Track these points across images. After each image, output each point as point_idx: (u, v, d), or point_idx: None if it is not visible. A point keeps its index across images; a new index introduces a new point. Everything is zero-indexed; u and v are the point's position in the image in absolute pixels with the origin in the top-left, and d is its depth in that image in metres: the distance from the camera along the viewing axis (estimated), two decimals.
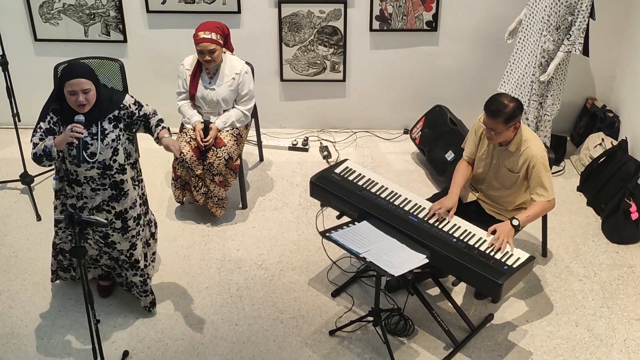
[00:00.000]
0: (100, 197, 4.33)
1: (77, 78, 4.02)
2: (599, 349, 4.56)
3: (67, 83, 4.03)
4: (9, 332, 4.63)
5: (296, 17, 5.91)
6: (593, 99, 6.18)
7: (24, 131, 5.56)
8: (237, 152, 5.29)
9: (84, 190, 4.30)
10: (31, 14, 5.89)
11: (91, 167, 4.21)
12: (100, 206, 4.36)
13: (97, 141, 4.17)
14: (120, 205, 4.39)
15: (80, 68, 4.08)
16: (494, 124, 4.34)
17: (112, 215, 4.40)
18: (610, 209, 5.40)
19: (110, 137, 4.20)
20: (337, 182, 4.75)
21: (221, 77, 5.23)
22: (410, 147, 6.23)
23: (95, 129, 4.17)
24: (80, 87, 4.02)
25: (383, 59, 6.10)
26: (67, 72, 4.06)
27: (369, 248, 4.27)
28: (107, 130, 4.19)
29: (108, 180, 4.29)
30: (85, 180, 4.26)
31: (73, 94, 4.04)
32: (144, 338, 4.61)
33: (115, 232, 4.45)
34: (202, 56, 5.11)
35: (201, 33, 5.06)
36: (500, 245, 4.30)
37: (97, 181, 4.27)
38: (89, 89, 4.05)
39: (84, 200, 4.34)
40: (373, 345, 4.57)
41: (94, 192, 4.30)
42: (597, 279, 5.03)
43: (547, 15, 5.26)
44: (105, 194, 4.33)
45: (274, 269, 5.09)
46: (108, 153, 4.22)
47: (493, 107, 4.33)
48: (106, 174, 4.27)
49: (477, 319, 4.73)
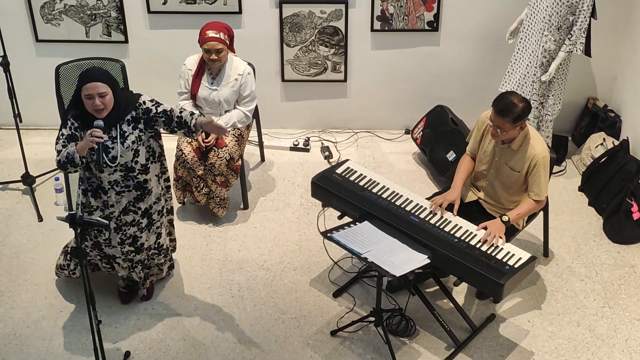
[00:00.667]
0: (125, 199, 4.35)
1: (93, 82, 4.05)
2: (600, 349, 4.56)
3: (84, 87, 4.06)
4: (10, 333, 4.63)
5: (297, 18, 5.91)
6: (594, 98, 6.17)
7: (25, 132, 5.57)
8: (238, 152, 5.29)
9: (109, 198, 4.32)
10: (32, 14, 5.89)
11: (114, 170, 4.23)
12: (127, 208, 4.38)
13: (118, 144, 4.19)
14: (145, 203, 4.41)
15: (96, 72, 4.12)
16: (502, 122, 4.34)
17: (138, 215, 4.42)
18: (611, 209, 5.39)
19: (130, 139, 4.21)
20: (338, 182, 4.75)
21: (224, 78, 5.23)
22: (411, 147, 6.22)
23: (115, 132, 4.19)
24: (96, 90, 4.05)
25: (384, 59, 6.10)
26: (84, 77, 4.10)
27: (371, 248, 4.27)
28: (126, 133, 4.20)
29: (132, 182, 4.31)
30: (109, 185, 4.28)
31: (90, 98, 4.06)
32: (146, 339, 4.61)
33: (143, 232, 4.48)
34: (208, 55, 5.11)
35: (210, 32, 5.07)
36: (492, 240, 4.32)
37: (122, 184, 4.29)
38: (105, 92, 4.07)
39: (110, 209, 4.35)
40: (375, 345, 4.57)
41: (119, 195, 4.33)
42: (599, 279, 5.02)
43: (548, 15, 5.26)
44: (131, 195, 4.35)
45: (275, 269, 5.09)
46: (129, 155, 4.23)
47: (502, 106, 4.31)
48: (129, 176, 4.29)
49: (478, 319, 4.73)
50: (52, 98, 5.31)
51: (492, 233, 4.34)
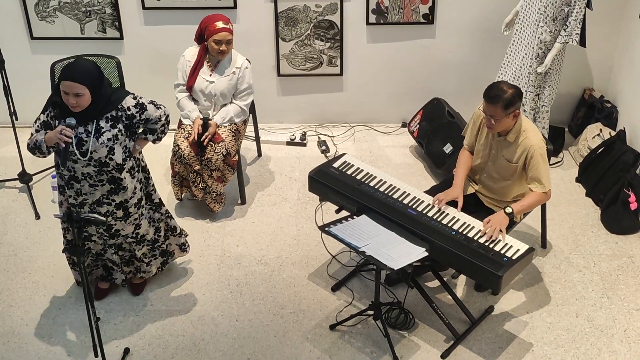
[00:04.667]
0: (99, 192, 4.33)
1: (70, 81, 3.98)
2: (599, 339, 4.57)
3: (61, 82, 4.02)
4: (9, 331, 4.63)
5: (292, 12, 5.90)
6: (591, 89, 6.17)
7: (21, 130, 5.55)
8: (235, 147, 5.28)
9: (82, 186, 4.30)
10: (27, 12, 5.87)
11: (87, 164, 4.21)
12: (101, 200, 4.36)
13: (91, 139, 4.15)
14: (120, 196, 4.39)
15: (77, 72, 4.01)
16: (493, 110, 4.34)
17: (112, 206, 4.40)
18: (609, 199, 5.40)
19: (105, 136, 4.16)
20: (335, 176, 4.75)
21: (222, 71, 5.22)
22: (408, 140, 6.22)
23: (90, 126, 4.15)
24: (72, 90, 4.00)
25: (380, 52, 6.10)
26: (64, 72, 4.04)
27: (369, 242, 4.27)
28: (103, 129, 4.16)
29: (105, 176, 4.28)
30: (83, 176, 4.26)
31: (65, 94, 4.03)
32: (145, 335, 4.61)
33: (117, 221, 4.46)
34: (218, 46, 5.10)
35: (219, 23, 5.06)
36: (492, 233, 4.31)
37: (95, 178, 4.27)
38: (81, 93, 4.01)
39: (84, 196, 4.33)
40: (374, 339, 4.57)
41: (92, 187, 4.30)
42: (597, 269, 5.03)
43: (543, 7, 5.25)
44: (104, 188, 4.32)
45: (273, 264, 5.09)
46: (103, 151, 4.19)
47: (492, 93, 4.34)
48: (103, 171, 4.26)
49: (477, 311, 4.73)
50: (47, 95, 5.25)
51: (493, 226, 4.34)
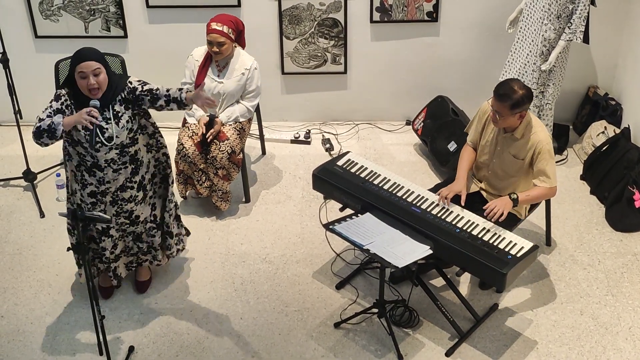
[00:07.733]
0: (123, 177, 4.35)
1: (86, 61, 4.04)
2: (604, 337, 4.56)
3: (77, 67, 4.05)
4: (14, 330, 4.64)
5: (296, 10, 5.90)
6: (595, 87, 6.16)
7: (26, 128, 5.55)
8: (239, 146, 5.29)
9: (105, 174, 4.30)
10: (31, 10, 5.88)
11: (109, 149, 4.23)
12: (124, 185, 4.38)
13: (112, 124, 4.18)
14: (138, 175, 4.41)
15: (89, 52, 4.10)
16: (500, 107, 4.37)
17: (134, 190, 4.42)
18: (613, 197, 5.39)
19: (124, 119, 4.21)
20: (339, 174, 4.75)
21: (230, 71, 5.22)
22: (412, 138, 6.22)
23: (108, 113, 4.18)
24: (89, 68, 4.04)
25: (384, 50, 6.09)
26: (77, 57, 4.08)
27: (373, 240, 4.27)
28: (120, 113, 4.20)
29: (127, 157, 4.31)
30: (106, 163, 4.27)
31: (84, 77, 4.05)
32: (149, 333, 4.61)
33: (137, 205, 4.48)
34: (210, 47, 5.11)
35: (213, 24, 5.07)
36: (495, 210, 4.37)
37: (118, 161, 4.29)
38: (99, 69, 4.06)
39: (107, 185, 4.34)
40: (378, 336, 4.57)
41: (116, 172, 4.32)
42: (602, 267, 5.02)
43: (547, 4, 5.25)
44: (127, 171, 4.35)
45: (278, 262, 5.10)
46: (124, 135, 4.24)
47: (502, 91, 4.37)
48: (125, 152, 4.29)
49: (481, 309, 4.73)
50: (52, 94, 5.23)
51: (497, 207, 4.37)
